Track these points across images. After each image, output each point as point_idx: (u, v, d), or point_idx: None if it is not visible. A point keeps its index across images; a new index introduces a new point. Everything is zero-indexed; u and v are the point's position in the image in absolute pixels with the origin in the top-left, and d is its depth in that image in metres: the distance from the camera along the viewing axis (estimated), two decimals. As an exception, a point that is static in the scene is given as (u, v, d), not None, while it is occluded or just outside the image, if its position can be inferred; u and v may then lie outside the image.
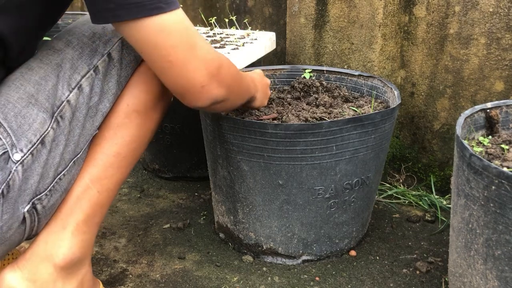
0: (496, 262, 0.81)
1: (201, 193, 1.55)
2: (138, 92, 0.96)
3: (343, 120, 1.05)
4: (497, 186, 0.77)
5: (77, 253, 0.92)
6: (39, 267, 0.90)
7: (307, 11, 1.55)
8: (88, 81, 0.89)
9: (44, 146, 0.83)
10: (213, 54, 0.88)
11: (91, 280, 0.99)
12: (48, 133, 0.83)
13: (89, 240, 0.95)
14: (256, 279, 1.15)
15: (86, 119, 0.89)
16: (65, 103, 0.86)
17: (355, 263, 1.20)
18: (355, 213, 1.19)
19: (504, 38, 1.27)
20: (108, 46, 0.92)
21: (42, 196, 0.85)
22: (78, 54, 0.89)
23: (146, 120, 0.98)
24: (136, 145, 0.98)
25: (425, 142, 1.49)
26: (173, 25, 0.82)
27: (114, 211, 1.45)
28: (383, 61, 1.46)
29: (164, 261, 1.22)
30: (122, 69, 0.94)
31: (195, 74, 0.85)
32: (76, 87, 0.87)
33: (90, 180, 0.92)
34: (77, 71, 0.88)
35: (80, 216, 0.92)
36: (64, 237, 0.91)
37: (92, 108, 0.90)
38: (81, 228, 0.92)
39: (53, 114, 0.84)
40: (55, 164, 0.85)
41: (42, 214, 0.87)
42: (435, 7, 1.37)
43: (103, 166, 0.93)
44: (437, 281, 1.13)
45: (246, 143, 1.08)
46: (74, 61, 0.88)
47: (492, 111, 1.01)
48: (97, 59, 0.90)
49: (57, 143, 0.85)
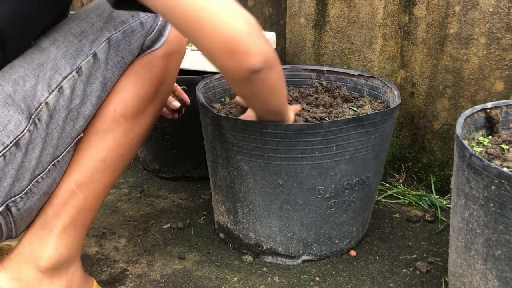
0: (496, 262, 0.81)
1: (201, 193, 1.55)
2: (126, 96, 0.93)
3: (343, 120, 1.05)
4: (497, 186, 0.77)
5: (64, 254, 0.91)
6: (23, 268, 0.89)
7: (307, 11, 1.55)
8: (70, 82, 0.85)
9: (19, 148, 0.80)
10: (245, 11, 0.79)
11: (81, 277, 0.98)
12: (23, 135, 0.80)
13: (77, 241, 0.94)
14: (256, 279, 1.15)
15: (66, 122, 0.86)
16: (43, 105, 0.82)
17: (355, 263, 1.20)
18: (355, 213, 1.19)
19: (504, 38, 1.27)
20: (94, 45, 0.88)
21: (17, 198, 0.82)
22: (62, 53, 0.85)
23: (135, 125, 0.95)
24: (123, 151, 0.95)
25: (425, 142, 1.49)
26: None
27: (114, 211, 1.45)
28: (383, 61, 1.46)
29: (164, 261, 1.22)
30: (108, 70, 0.90)
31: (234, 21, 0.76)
32: (56, 88, 0.84)
33: (76, 185, 0.90)
34: (58, 72, 0.84)
35: (67, 220, 0.91)
36: (50, 239, 0.90)
37: (73, 111, 0.86)
38: (68, 231, 0.91)
39: (30, 116, 0.81)
40: (31, 167, 0.82)
41: (18, 216, 0.85)
42: (435, 7, 1.37)
43: (89, 171, 0.91)
44: (437, 281, 1.13)
45: (246, 143, 1.08)
46: (56, 61, 0.84)
47: (492, 111, 1.01)
48: (81, 60, 0.86)
49: (34, 146, 0.82)
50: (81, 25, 0.88)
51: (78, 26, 0.88)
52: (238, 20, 0.76)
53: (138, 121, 0.96)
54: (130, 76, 0.93)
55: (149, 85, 0.95)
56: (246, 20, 0.77)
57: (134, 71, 0.93)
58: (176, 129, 1.53)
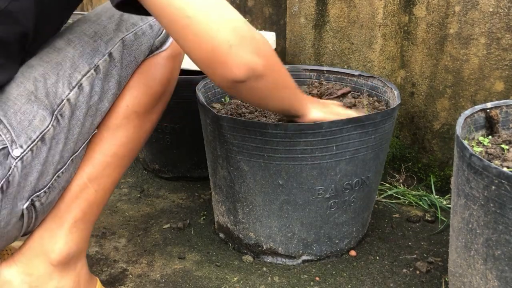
0: (496, 262, 0.81)
1: (201, 193, 1.55)
2: (138, 93, 0.97)
3: (343, 120, 1.05)
4: (497, 186, 0.77)
5: (74, 248, 0.93)
6: (34, 261, 0.91)
7: (307, 11, 1.55)
8: (89, 80, 0.88)
9: (44, 143, 0.83)
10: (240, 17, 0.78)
11: (87, 274, 1.00)
12: (48, 130, 0.83)
13: (85, 236, 0.96)
14: (256, 279, 1.15)
15: (85, 118, 0.89)
16: (65, 101, 0.85)
17: (355, 263, 1.20)
18: (355, 213, 1.19)
19: (504, 38, 1.27)
20: (109, 45, 0.92)
21: (41, 193, 0.85)
22: (79, 53, 0.88)
23: (145, 121, 0.99)
24: (133, 146, 0.99)
25: (425, 142, 1.49)
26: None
27: (114, 211, 1.45)
28: (383, 61, 1.46)
29: (164, 261, 1.22)
30: (122, 69, 0.94)
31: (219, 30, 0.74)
32: (77, 85, 0.87)
33: (88, 179, 0.93)
34: (77, 70, 0.87)
35: (78, 214, 0.93)
36: (61, 233, 0.92)
37: (92, 107, 0.90)
38: (78, 225, 0.93)
39: (53, 112, 0.84)
40: (55, 161, 0.85)
41: (40, 211, 0.87)
42: (435, 7, 1.37)
43: (101, 166, 0.94)
44: (437, 281, 1.13)
45: (246, 143, 1.08)
46: (74, 60, 0.88)
47: (492, 111, 1.01)
48: (98, 58, 0.90)
49: (57, 141, 0.85)
50: (93, 27, 0.92)
51: (91, 28, 0.91)
52: (223, 30, 0.75)
53: (148, 118, 0.99)
54: (141, 74, 0.97)
55: (159, 83, 0.99)
56: (232, 30, 0.76)
57: (145, 70, 0.97)
58: (176, 129, 1.54)
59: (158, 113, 1.03)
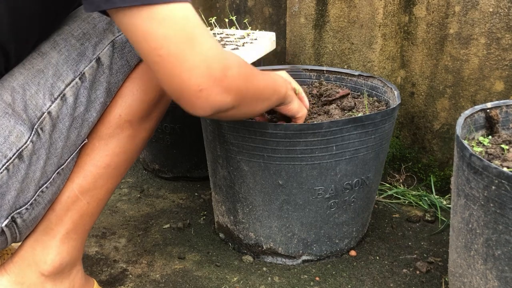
0: (496, 262, 0.81)
1: (201, 193, 1.55)
2: (132, 101, 0.90)
3: (343, 120, 1.05)
4: (497, 186, 0.77)
5: (66, 258, 0.91)
6: (26, 271, 0.88)
7: (307, 11, 1.55)
8: (73, 90, 0.81)
9: (22, 160, 0.77)
10: (217, 52, 0.72)
11: (82, 278, 0.98)
12: (26, 147, 0.77)
13: (79, 245, 0.93)
14: (256, 279, 1.15)
15: (70, 130, 0.83)
16: (46, 115, 0.79)
17: (355, 263, 1.20)
18: (355, 213, 1.19)
19: (504, 38, 1.27)
20: (97, 49, 0.84)
21: (22, 210, 0.81)
22: (64, 58, 0.81)
23: (139, 130, 0.93)
24: (127, 156, 0.93)
25: (425, 142, 1.49)
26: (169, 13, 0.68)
27: (114, 211, 1.45)
28: (383, 61, 1.46)
29: (164, 261, 1.22)
30: (112, 75, 0.86)
31: (191, 73, 0.70)
32: (59, 97, 0.80)
33: (79, 191, 0.89)
34: (60, 79, 0.81)
35: (70, 225, 0.89)
36: (53, 245, 0.89)
37: (77, 118, 0.83)
38: (71, 236, 0.90)
39: (32, 126, 0.78)
40: (36, 178, 0.80)
41: (23, 226, 0.83)
42: (435, 7, 1.37)
43: (92, 177, 0.89)
44: (437, 281, 1.13)
45: (246, 143, 1.08)
46: (58, 67, 0.81)
47: (492, 111, 1.01)
48: (84, 65, 0.82)
49: (38, 157, 0.79)
50: (82, 26, 0.85)
51: (80, 28, 0.84)
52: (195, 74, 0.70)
53: (143, 126, 0.93)
54: (136, 80, 0.90)
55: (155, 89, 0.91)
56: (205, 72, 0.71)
57: (139, 75, 0.89)
58: (176, 129, 1.54)
59: (155, 120, 0.96)
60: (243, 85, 0.78)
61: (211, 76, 0.71)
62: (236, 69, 0.75)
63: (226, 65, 0.73)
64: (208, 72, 0.71)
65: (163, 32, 0.67)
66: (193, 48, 0.69)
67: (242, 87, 0.78)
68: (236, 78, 0.75)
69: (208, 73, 0.71)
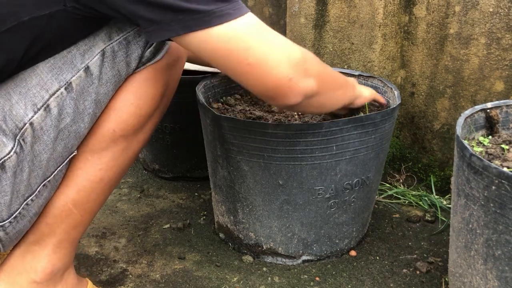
0: (496, 262, 0.81)
1: (201, 193, 1.55)
2: (126, 115, 0.86)
3: (343, 120, 1.05)
4: (497, 186, 0.77)
5: (58, 264, 0.90)
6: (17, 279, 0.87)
7: (307, 11, 1.55)
8: (57, 100, 0.77)
9: (5, 171, 0.74)
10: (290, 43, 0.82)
11: (74, 278, 0.97)
12: (9, 157, 0.74)
13: (70, 251, 0.92)
14: (256, 279, 1.15)
15: (56, 142, 0.79)
16: (28, 126, 0.75)
17: (355, 263, 1.20)
18: (355, 213, 1.19)
19: (504, 38, 1.27)
20: (86, 58, 0.79)
21: (6, 223, 0.78)
22: (49, 66, 0.77)
23: (133, 143, 0.91)
24: (121, 169, 0.92)
25: (425, 142, 1.49)
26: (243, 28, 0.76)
27: (114, 211, 1.44)
28: (383, 61, 1.46)
29: (164, 261, 1.22)
30: (101, 86, 0.82)
31: (279, 69, 0.79)
32: (43, 107, 0.76)
33: (73, 205, 0.87)
34: (44, 88, 0.76)
35: (62, 236, 0.89)
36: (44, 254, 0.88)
37: (64, 130, 0.79)
38: (63, 245, 0.90)
39: (15, 137, 0.74)
40: (21, 190, 0.77)
41: (6, 240, 0.81)
42: (435, 7, 1.37)
43: (85, 191, 0.87)
44: (437, 281, 1.13)
45: (246, 143, 1.08)
46: (42, 76, 0.76)
47: (492, 111, 1.01)
48: (71, 74, 0.78)
49: (21, 168, 0.76)
50: None
51: None
52: (282, 68, 0.79)
53: (137, 139, 0.91)
54: (130, 93, 0.86)
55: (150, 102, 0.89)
56: (288, 63, 0.79)
57: (134, 87, 0.86)
58: (176, 129, 1.53)
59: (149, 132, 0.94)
60: (321, 68, 0.88)
61: (294, 64, 0.80)
62: (311, 55, 0.86)
63: (302, 52, 0.82)
64: (291, 62, 0.80)
65: (244, 45, 0.76)
66: (272, 47, 0.79)
67: (320, 70, 0.87)
68: (314, 63, 0.86)
69: (291, 63, 0.80)
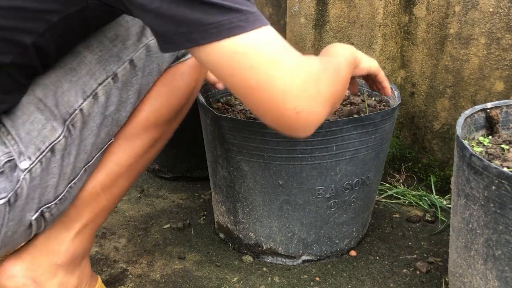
0: (496, 262, 0.81)
1: (201, 193, 1.55)
2: (160, 105, 0.91)
3: (343, 120, 1.05)
4: (497, 186, 0.77)
5: (79, 249, 0.93)
6: (39, 259, 0.90)
7: (307, 11, 1.55)
8: (105, 89, 0.83)
9: (54, 154, 0.79)
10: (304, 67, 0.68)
11: (90, 271, 1.00)
12: (59, 141, 0.79)
13: (91, 237, 0.96)
14: (256, 279, 1.15)
15: (100, 128, 0.84)
16: (78, 112, 0.80)
17: (355, 263, 1.20)
18: (355, 213, 1.19)
19: (504, 38, 1.27)
20: (131, 51, 0.85)
21: (52, 205, 0.82)
22: (97, 58, 0.82)
23: (163, 132, 0.95)
24: (148, 157, 0.96)
25: (425, 142, 1.49)
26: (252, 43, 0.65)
27: (114, 211, 1.44)
28: (383, 61, 1.46)
29: (164, 261, 1.22)
30: (143, 77, 0.87)
31: (285, 98, 0.66)
32: (91, 95, 0.81)
33: (101, 188, 0.90)
34: (93, 78, 0.82)
35: (87, 220, 0.92)
36: (68, 237, 0.91)
37: (108, 117, 0.85)
38: (86, 229, 0.93)
39: (64, 122, 0.79)
40: (67, 173, 0.82)
41: (50, 220, 0.85)
42: (435, 7, 1.37)
43: (114, 175, 0.91)
44: (437, 281, 1.13)
45: (246, 143, 1.08)
46: (91, 66, 0.82)
47: (492, 111, 1.01)
48: (117, 66, 0.83)
49: (69, 152, 0.81)
50: (115, 28, 0.85)
51: (113, 30, 0.85)
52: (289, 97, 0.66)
53: (167, 129, 0.96)
54: (165, 85, 0.91)
55: (182, 95, 0.94)
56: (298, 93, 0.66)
57: (168, 79, 0.91)
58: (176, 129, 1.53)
59: (178, 123, 0.99)
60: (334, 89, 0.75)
61: (305, 96, 0.67)
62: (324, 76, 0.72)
63: (316, 78, 0.69)
64: (301, 93, 0.67)
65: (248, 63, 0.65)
66: (281, 69, 0.66)
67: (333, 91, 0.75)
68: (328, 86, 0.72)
69: (302, 94, 0.67)
